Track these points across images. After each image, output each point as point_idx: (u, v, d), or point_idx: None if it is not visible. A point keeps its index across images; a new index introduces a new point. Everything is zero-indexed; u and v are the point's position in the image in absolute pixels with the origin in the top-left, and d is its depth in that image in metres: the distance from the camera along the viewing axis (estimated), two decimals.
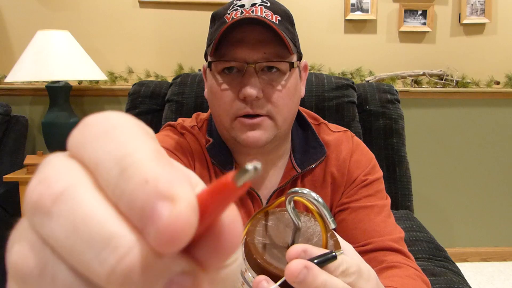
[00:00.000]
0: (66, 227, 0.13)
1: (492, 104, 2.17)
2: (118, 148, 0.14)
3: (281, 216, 0.42)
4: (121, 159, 0.13)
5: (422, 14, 2.09)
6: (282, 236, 0.40)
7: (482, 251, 2.28)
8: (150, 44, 2.08)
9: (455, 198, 2.25)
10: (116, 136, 0.14)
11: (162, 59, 2.08)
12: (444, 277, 0.88)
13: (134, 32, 2.06)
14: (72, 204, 0.13)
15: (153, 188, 0.12)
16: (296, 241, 0.38)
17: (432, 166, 2.21)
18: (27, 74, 1.70)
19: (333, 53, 2.12)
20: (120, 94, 2.06)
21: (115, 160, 0.13)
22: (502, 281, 2.06)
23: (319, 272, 0.30)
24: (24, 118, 1.97)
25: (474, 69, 2.14)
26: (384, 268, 0.60)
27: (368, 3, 2.06)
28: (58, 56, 1.72)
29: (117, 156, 0.13)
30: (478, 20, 2.09)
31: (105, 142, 0.14)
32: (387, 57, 2.13)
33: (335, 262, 0.32)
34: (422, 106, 2.15)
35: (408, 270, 0.60)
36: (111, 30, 2.05)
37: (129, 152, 0.14)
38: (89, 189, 0.14)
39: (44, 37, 1.75)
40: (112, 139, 0.14)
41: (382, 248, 0.62)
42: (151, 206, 0.12)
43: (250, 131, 0.61)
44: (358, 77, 2.09)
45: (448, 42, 2.13)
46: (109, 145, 0.14)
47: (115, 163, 0.13)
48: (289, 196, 0.38)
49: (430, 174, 2.21)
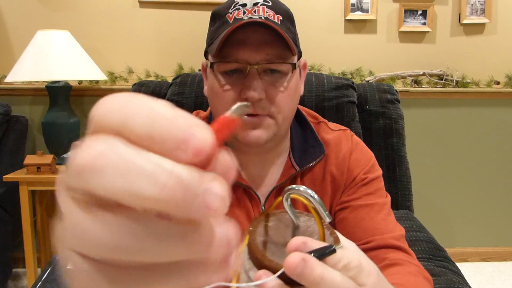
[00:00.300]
0: (113, 172, 0.16)
1: (492, 104, 2.17)
2: (142, 106, 0.17)
3: (282, 216, 0.43)
4: (149, 111, 0.17)
5: (422, 14, 2.09)
6: (282, 235, 0.41)
7: (482, 251, 2.28)
8: (150, 44, 2.08)
9: (455, 198, 2.25)
10: (137, 99, 0.18)
11: (162, 59, 2.08)
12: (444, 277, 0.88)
13: (134, 32, 2.06)
14: (114, 156, 0.16)
15: (184, 123, 0.17)
16: None
17: (432, 166, 2.21)
18: (27, 74, 1.70)
19: (333, 53, 2.12)
20: None
21: (142, 114, 0.17)
22: (502, 281, 2.06)
23: (317, 264, 0.30)
24: (24, 118, 1.97)
25: (474, 69, 2.14)
26: (385, 265, 0.61)
27: (368, 3, 2.06)
28: (58, 56, 1.72)
29: (143, 111, 0.17)
30: (478, 20, 2.09)
31: (129, 105, 0.17)
32: (387, 57, 2.13)
33: (336, 256, 0.33)
34: (422, 106, 2.15)
35: (409, 267, 0.60)
36: (111, 30, 2.06)
37: (152, 105, 0.17)
38: (123, 143, 0.16)
39: (44, 37, 1.75)
40: (134, 102, 0.17)
41: (383, 246, 0.62)
42: (187, 132, 0.16)
43: (251, 130, 0.61)
44: (358, 77, 2.09)
45: (448, 42, 2.13)
46: (134, 106, 0.17)
47: (144, 116, 0.17)
48: (285, 194, 0.38)
49: (430, 174, 2.21)
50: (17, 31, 2.03)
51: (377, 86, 1.30)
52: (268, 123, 0.62)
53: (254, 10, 0.59)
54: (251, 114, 0.61)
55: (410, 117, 2.15)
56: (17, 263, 2.08)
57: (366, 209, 0.67)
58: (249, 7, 0.59)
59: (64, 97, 1.87)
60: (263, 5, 0.59)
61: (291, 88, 0.62)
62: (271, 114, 0.61)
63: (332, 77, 1.27)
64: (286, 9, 0.63)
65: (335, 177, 0.70)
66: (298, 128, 0.75)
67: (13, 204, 1.82)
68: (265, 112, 0.61)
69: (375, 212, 0.66)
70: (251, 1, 0.60)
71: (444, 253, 1.00)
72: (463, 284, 0.85)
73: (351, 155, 0.71)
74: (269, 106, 0.61)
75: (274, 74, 0.61)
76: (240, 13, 0.59)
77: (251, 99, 0.58)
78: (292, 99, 0.64)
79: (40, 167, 1.71)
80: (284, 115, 0.63)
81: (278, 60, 0.60)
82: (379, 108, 1.26)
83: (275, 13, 0.60)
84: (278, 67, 0.60)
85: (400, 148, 1.24)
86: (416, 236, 1.06)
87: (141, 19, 2.06)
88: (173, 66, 2.07)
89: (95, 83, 2.06)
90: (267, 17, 0.58)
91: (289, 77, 0.62)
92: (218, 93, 0.62)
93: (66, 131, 1.85)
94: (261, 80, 0.59)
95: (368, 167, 0.71)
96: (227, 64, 0.60)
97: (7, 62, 2.01)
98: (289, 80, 0.62)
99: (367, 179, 0.70)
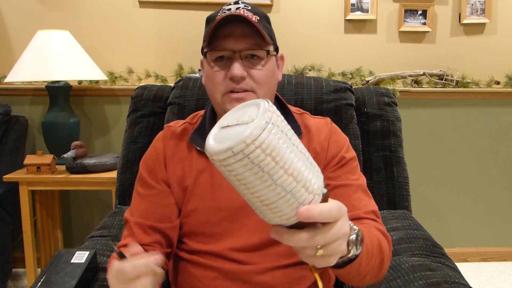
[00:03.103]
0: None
1: (492, 104, 2.17)
2: None
3: None
4: None
5: (422, 14, 2.09)
6: None
7: (482, 251, 2.28)
8: (150, 44, 2.08)
9: (455, 198, 2.25)
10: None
11: (162, 59, 2.09)
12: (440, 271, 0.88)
13: (134, 32, 2.06)
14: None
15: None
16: None
17: (433, 166, 2.21)
18: (27, 74, 1.70)
19: (333, 53, 2.12)
20: (120, 94, 2.07)
21: None
22: (502, 281, 2.06)
23: (315, 206, 0.43)
24: (24, 118, 1.97)
25: (474, 69, 2.14)
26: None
27: (368, 3, 2.06)
28: (58, 56, 1.73)
29: None
30: (478, 20, 2.09)
31: None
32: (387, 57, 2.13)
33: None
34: (422, 106, 2.15)
35: (370, 225, 0.73)
36: (111, 30, 2.06)
37: None
38: None
39: (44, 37, 1.75)
40: None
41: (355, 218, 0.75)
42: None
43: (236, 103, 0.75)
44: (358, 77, 2.09)
45: (448, 42, 2.13)
46: None
47: None
48: None
49: (431, 174, 2.22)
50: (17, 31, 2.03)
51: (374, 90, 1.31)
52: (251, 97, 0.76)
53: (236, 12, 0.75)
54: (237, 91, 0.76)
55: (410, 117, 2.15)
56: (17, 263, 2.09)
57: (345, 188, 0.79)
58: (232, 10, 0.76)
59: (64, 97, 1.88)
60: (243, 8, 0.76)
61: (268, 69, 0.78)
62: (253, 90, 0.77)
63: (331, 81, 1.28)
64: (262, 12, 0.80)
65: (318, 152, 0.83)
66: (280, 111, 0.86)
67: (13, 204, 1.82)
68: (248, 87, 0.76)
69: (352, 191, 0.79)
70: (235, 6, 0.77)
71: (441, 250, 1.00)
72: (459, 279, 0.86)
73: (331, 137, 0.85)
74: (251, 83, 0.76)
75: (254, 59, 0.77)
76: (226, 14, 0.74)
77: (235, 77, 0.74)
78: (269, 78, 0.79)
79: (40, 167, 1.71)
80: (264, 91, 0.78)
81: (255, 48, 0.76)
82: (376, 111, 1.26)
83: (253, 14, 0.76)
84: (255, 53, 0.77)
85: (397, 149, 1.24)
86: (413, 234, 1.06)
87: (141, 19, 2.06)
88: (173, 66, 2.07)
89: (95, 83, 2.06)
90: (246, 16, 0.74)
91: (265, 60, 0.78)
92: (211, 76, 0.78)
93: (66, 131, 1.86)
94: (243, 63, 0.76)
95: (345, 147, 0.84)
96: (217, 52, 0.77)
97: (7, 62, 2.01)
98: (265, 63, 0.78)
99: (345, 159, 0.82)
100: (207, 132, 0.81)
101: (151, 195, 0.82)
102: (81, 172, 1.72)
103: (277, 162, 0.38)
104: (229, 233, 0.79)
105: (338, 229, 0.47)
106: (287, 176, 0.39)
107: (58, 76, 1.70)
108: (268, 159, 0.38)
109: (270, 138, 0.38)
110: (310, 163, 0.44)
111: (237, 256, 0.78)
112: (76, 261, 0.86)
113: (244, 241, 0.78)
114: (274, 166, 0.38)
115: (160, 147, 0.85)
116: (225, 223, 0.79)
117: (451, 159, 2.21)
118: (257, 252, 0.78)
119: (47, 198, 1.98)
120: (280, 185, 0.40)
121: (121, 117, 2.09)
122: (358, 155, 1.22)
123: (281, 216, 0.43)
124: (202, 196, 0.80)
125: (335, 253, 0.49)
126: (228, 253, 0.78)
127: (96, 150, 2.13)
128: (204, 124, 0.85)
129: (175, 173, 0.82)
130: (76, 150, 1.70)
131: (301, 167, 0.41)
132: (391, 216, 1.18)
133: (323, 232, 0.45)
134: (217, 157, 0.39)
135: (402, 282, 0.86)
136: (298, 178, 0.40)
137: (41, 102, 2.06)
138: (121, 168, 1.27)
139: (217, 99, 0.78)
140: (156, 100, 1.31)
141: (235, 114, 0.45)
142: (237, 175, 0.39)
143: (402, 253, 1.00)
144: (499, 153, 2.22)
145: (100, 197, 2.15)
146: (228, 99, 0.76)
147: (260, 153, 0.37)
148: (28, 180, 1.69)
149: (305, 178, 0.41)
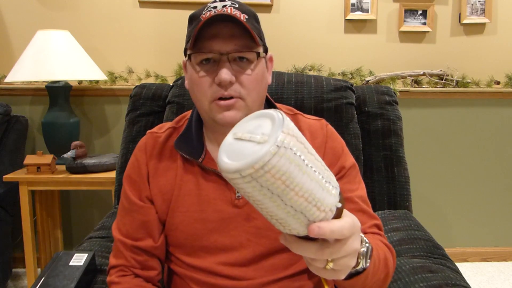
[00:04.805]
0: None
1: (492, 104, 2.17)
2: None
3: None
4: None
5: (422, 14, 2.09)
6: None
7: (482, 251, 2.28)
8: (150, 44, 2.08)
9: (455, 198, 2.25)
10: None
11: (162, 59, 2.09)
12: (441, 273, 0.88)
13: (134, 32, 2.06)
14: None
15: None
16: None
17: (433, 166, 2.21)
18: (27, 74, 1.70)
19: (333, 53, 2.12)
20: (120, 94, 2.06)
21: None
22: (502, 281, 2.06)
23: (326, 224, 0.42)
24: (24, 118, 1.97)
25: (474, 69, 2.14)
26: None
27: (368, 3, 2.06)
28: (58, 56, 1.73)
29: None
30: (478, 20, 2.09)
31: None
32: (387, 57, 2.13)
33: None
34: (422, 106, 2.15)
35: (375, 237, 0.71)
36: (111, 30, 2.06)
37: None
38: None
39: (44, 37, 1.75)
40: None
41: None
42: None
43: (225, 111, 0.70)
44: (358, 77, 2.09)
45: (448, 42, 2.13)
46: None
47: None
48: None
49: (431, 174, 2.22)
50: (17, 31, 2.03)
51: (375, 88, 1.30)
52: (240, 105, 0.70)
53: (223, 10, 0.68)
54: (225, 98, 0.70)
55: (410, 117, 2.15)
56: (17, 263, 2.09)
57: (345, 202, 0.73)
58: (219, 8, 0.69)
59: (64, 97, 1.88)
60: (231, 6, 0.70)
61: (257, 73, 0.72)
62: (242, 96, 0.70)
63: (331, 79, 1.27)
64: (251, 10, 0.74)
65: None
66: None
67: (13, 204, 1.82)
68: (236, 94, 0.70)
69: (353, 205, 0.75)
70: (221, 4, 0.70)
71: (442, 251, 1.00)
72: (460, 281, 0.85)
73: (327, 143, 0.79)
74: (239, 89, 0.70)
75: (242, 62, 0.70)
76: (212, 13, 0.68)
77: (224, 82, 0.68)
78: (259, 84, 0.72)
79: (40, 167, 1.71)
80: (252, 98, 0.72)
81: (244, 49, 0.69)
82: (377, 110, 1.26)
83: (241, 12, 0.69)
84: (245, 55, 0.70)
85: (398, 148, 1.24)
86: (414, 235, 1.06)
87: (141, 19, 2.06)
88: (173, 66, 2.07)
89: (95, 83, 2.06)
90: (234, 15, 0.67)
91: (254, 64, 0.71)
92: (196, 81, 0.71)
93: (66, 131, 1.86)
94: (232, 66, 0.69)
95: (343, 154, 0.79)
96: (203, 54, 0.69)
97: (7, 62, 2.01)
98: (254, 67, 0.71)
99: (344, 170, 0.78)
100: (192, 139, 0.78)
101: (134, 210, 0.78)
102: (81, 172, 1.72)
103: (287, 185, 0.37)
104: (220, 246, 0.74)
105: (349, 246, 0.46)
106: (297, 198, 0.38)
107: (58, 76, 1.69)
108: (278, 183, 0.37)
109: (281, 163, 0.36)
110: (325, 180, 0.42)
111: (230, 271, 0.73)
112: (75, 263, 0.85)
113: (237, 254, 0.74)
114: (284, 189, 0.37)
115: (143, 160, 0.80)
116: (215, 235, 0.74)
117: (451, 159, 2.21)
118: (251, 266, 0.74)
119: (47, 198, 1.98)
120: (290, 205, 0.39)
121: (121, 117, 2.09)
122: (358, 154, 1.22)
123: (291, 230, 0.42)
124: (188, 207, 0.75)
125: (344, 268, 0.48)
126: (220, 268, 0.74)
127: (96, 150, 2.13)
128: (190, 128, 0.79)
129: (158, 186, 0.77)
130: (76, 150, 1.70)
131: (314, 188, 0.39)
132: (391, 216, 1.17)
133: (333, 247, 0.45)
134: (226, 175, 0.38)
135: (403, 284, 0.86)
136: (309, 199, 0.39)
137: (41, 102, 2.05)
138: (120, 167, 1.26)
139: (204, 106, 0.72)
140: (155, 99, 1.29)
141: (249, 124, 0.43)
142: (246, 193, 0.39)
143: (403, 254, 0.99)
144: (499, 153, 2.22)
145: (100, 197, 2.15)
146: (216, 107, 0.70)
147: (269, 178, 0.36)
148: (28, 180, 1.69)
149: (317, 198, 0.40)
